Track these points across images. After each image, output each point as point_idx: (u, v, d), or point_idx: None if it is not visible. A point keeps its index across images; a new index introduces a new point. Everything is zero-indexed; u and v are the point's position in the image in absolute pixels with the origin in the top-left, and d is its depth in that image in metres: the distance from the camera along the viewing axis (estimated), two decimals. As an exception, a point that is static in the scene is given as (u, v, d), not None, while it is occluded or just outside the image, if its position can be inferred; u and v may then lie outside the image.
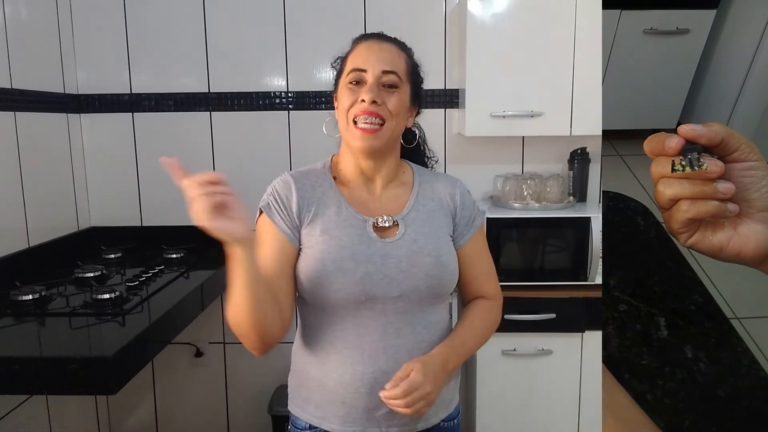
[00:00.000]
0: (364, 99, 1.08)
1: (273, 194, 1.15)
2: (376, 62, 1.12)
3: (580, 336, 2.04)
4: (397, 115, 1.12)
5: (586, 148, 2.30)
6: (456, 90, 2.31)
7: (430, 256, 1.12)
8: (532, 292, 2.03)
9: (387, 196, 1.19)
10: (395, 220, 1.15)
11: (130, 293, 1.66)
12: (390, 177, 1.20)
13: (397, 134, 1.16)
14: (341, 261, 1.08)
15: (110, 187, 2.38)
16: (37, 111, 2.04)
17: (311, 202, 1.13)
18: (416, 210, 1.18)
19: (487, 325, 1.24)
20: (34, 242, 1.99)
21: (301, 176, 1.17)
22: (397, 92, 1.13)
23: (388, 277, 1.09)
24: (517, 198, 2.23)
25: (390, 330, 1.10)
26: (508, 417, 2.08)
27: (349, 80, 1.12)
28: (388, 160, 1.18)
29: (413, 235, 1.14)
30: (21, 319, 1.52)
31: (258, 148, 2.35)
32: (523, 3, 2.04)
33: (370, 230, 1.13)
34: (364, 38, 1.18)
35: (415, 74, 1.21)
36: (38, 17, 2.08)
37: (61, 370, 1.24)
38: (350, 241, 1.10)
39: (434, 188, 1.23)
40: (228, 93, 2.34)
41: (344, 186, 1.18)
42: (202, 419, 2.47)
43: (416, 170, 1.25)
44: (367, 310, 1.10)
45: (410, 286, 1.10)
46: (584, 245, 2.03)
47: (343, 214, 1.13)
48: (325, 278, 1.08)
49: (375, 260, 1.09)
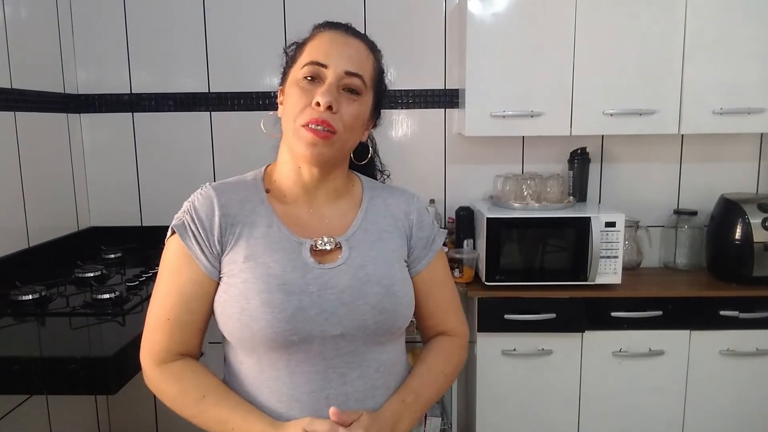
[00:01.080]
0: (320, 102, 0.90)
1: (190, 212, 0.95)
2: (339, 58, 0.94)
3: (580, 336, 2.04)
4: (351, 129, 0.95)
5: (586, 148, 2.30)
6: (456, 90, 2.31)
7: (380, 285, 0.93)
8: (532, 292, 2.03)
9: (331, 213, 1.00)
10: (337, 241, 0.96)
11: (130, 293, 1.67)
12: (335, 192, 1.01)
13: (348, 148, 0.99)
14: (268, 293, 0.89)
15: (110, 187, 2.38)
16: (37, 111, 2.04)
17: (236, 221, 0.94)
18: (364, 230, 0.99)
19: (447, 370, 1.03)
20: (34, 242, 1.99)
21: (227, 189, 0.99)
22: (358, 101, 0.95)
23: (327, 312, 0.90)
24: (517, 198, 2.23)
25: (333, 376, 0.91)
26: (508, 417, 2.08)
27: (303, 74, 0.94)
28: (334, 173, 1.00)
29: (359, 260, 0.95)
30: (21, 319, 1.52)
31: (258, 149, 2.34)
32: (523, 3, 2.04)
33: (306, 254, 0.93)
34: (328, 27, 1.01)
35: (380, 82, 1.02)
36: (38, 17, 2.09)
37: (61, 370, 1.24)
38: (280, 268, 0.91)
39: (387, 204, 1.04)
40: (228, 93, 2.34)
41: (278, 201, 0.99)
42: (202, 419, 2.47)
43: (366, 183, 1.07)
44: (302, 352, 0.90)
45: (354, 323, 0.91)
46: (584, 245, 2.03)
47: (274, 235, 0.94)
48: (248, 315, 0.89)
49: (310, 291, 0.90)
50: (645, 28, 2.03)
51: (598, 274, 2.05)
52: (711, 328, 2.03)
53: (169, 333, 0.94)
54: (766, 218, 2.08)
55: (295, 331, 0.89)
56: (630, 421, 2.08)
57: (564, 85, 2.06)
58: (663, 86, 2.06)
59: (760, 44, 2.02)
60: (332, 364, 0.92)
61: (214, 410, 0.90)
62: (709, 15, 2.01)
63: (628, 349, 2.04)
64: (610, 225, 2.03)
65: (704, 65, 2.04)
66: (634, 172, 2.38)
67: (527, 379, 2.06)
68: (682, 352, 2.04)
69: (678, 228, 2.32)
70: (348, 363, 0.93)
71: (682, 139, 2.36)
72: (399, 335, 1.01)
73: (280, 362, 0.91)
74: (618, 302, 2.03)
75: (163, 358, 0.94)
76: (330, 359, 0.92)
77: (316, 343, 0.90)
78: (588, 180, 2.33)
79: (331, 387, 0.92)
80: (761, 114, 2.05)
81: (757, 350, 2.03)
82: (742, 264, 2.09)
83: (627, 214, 2.09)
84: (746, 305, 2.01)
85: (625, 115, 2.07)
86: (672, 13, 2.02)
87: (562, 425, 2.09)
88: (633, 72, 2.05)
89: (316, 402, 0.91)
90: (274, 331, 0.88)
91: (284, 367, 0.91)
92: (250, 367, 0.94)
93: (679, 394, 2.06)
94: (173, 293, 0.93)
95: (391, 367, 0.98)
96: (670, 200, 2.40)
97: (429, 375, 1.01)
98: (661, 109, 2.06)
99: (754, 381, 2.05)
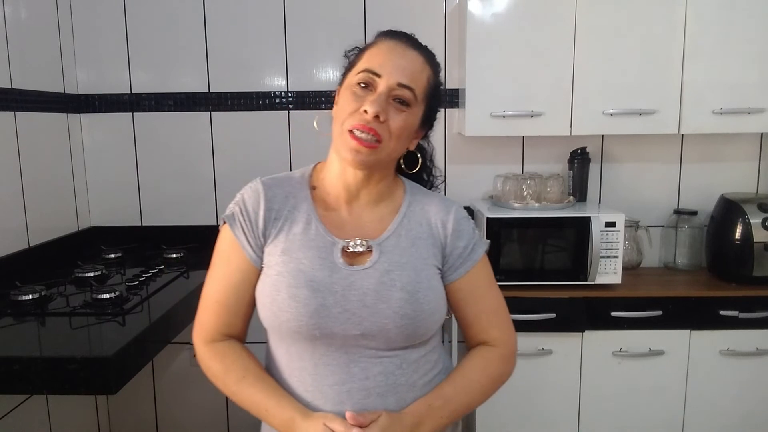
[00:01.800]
0: (368, 110, 0.93)
1: (240, 204, 1.02)
2: (393, 70, 0.95)
3: (580, 336, 2.04)
4: (398, 138, 0.97)
5: (586, 148, 2.30)
6: (456, 90, 2.31)
7: (404, 291, 0.95)
8: (532, 292, 2.03)
9: (371, 217, 1.03)
10: (369, 245, 0.98)
11: (130, 293, 1.67)
12: (378, 196, 1.04)
13: (394, 157, 1.01)
14: (295, 287, 0.94)
15: (110, 187, 2.38)
16: (37, 111, 2.04)
17: (279, 215, 1.00)
18: (397, 235, 1.01)
19: (483, 381, 1.02)
20: (34, 242, 1.99)
21: (275, 184, 1.03)
22: (407, 112, 0.97)
23: (348, 312, 0.93)
24: (517, 198, 2.23)
25: (355, 370, 0.95)
26: (508, 417, 2.08)
27: (357, 80, 0.97)
28: (378, 179, 1.03)
29: (386, 264, 0.97)
30: (21, 319, 1.52)
31: (258, 148, 2.35)
32: (523, 3, 2.04)
33: (337, 254, 0.97)
34: (389, 36, 1.01)
35: (434, 95, 1.03)
36: (38, 17, 2.08)
37: (61, 370, 1.24)
38: (310, 265, 0.95)
39: (425, 211, 1.05)
40: (228, 93, 2.34)
41: (322, 199, 1.03)
42: (202, 419, 2.47)
43: (409, 188, 1.08)
44: (324, 346, 0.95)
45: (376, 325, 0.94)
46: (584, 245, 2.03)
47: (311, 232, 0.99)
48: (277, 306, 0.94)
49: (335, 290, 0.94)
50: (645, 28, 2.03)
51: (598, 274, 2.05)
52: (711, 327, 2.03)
53: (217, 314, 1.02)
54: (766, 218, 2.08)
55: (318, 326, 0.93)
56: (630, 421, 2.08)
57: (564, 85, 2.06)
58: (663, 86, 2.06)
59: (760, 44, 2.02)
60: (354, 360, 0.95)
61: (251, 390, 0.97)
62: (709, 15, 2.01)
63: (628, 349, 2.04)
64: (610, 225, 2.03)
65: (704, 65, 2.04)
66: (634, 172, 2.38)
67: (527, 379, 2.05)
68: (682, 352, 2.04)
69: (678, 228, 2.32)
70: (370, 359, 0.96)
71: (682, 139, 2.36)
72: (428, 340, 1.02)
73: (305, 353, 0.96)
74: (618, 302, 2.03)
75: (212, 338, 1.02)
76: (352, 355, 0.95)
77: (338, 339, 0.94)
78: (588, 180, 2.33)
79: (353, 381, 0.95)
80: (761, 114, 2.05)
81: (757, 350, 2.03)
82: (742, 264, 2.09)
83: (627, 214, 2.09)
84: (746, 305, 2.01)
85: (625, 115, 2.06)
86: (672, 13, 2.02)
87: (562, 425, 2.09)
88: (633, 72, 2.05)
89: (338, 395, 0.94)
90: (298, 324, 0.93)
91: (309, 358, 0.96)
92: (281, 355, 1.00)
93: (679, 394, 2.06)
94: (222, 278, 1.01)
95: (415, 364, 0.99)
96: (670, 200, 2.40)
97: (462, 383, 1.01)
98: (661, 109, 2.06)
99: (754, 381, 2.05)
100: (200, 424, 2.47)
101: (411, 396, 0.98)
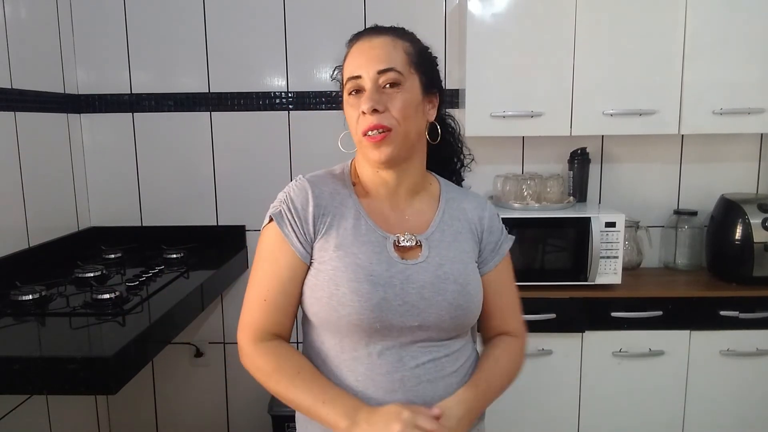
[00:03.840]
0: (364, 110, 0.98)
1: (287, 202, 1.04)
2: (368, 63, 1.00)
3: (580, 336, 2.04)
4: (406, 117, 1.00)
5: (586, 148, 2.30)
6: (456, 90, 2.31)
7: (456, 283, 1.01)
8: (532, 292, 2.03)
9: (411, 210, 1.08)
10: (418, 239, 1.03)
11: (130, 293, 1.66)
12: (415, 188, 1.09)
13: (414, 137, 1.04)
14: (357, 282, 0.97)
15: (110, 187, 2.38)
16: (37, 111, 2.04)
17: (327, 211, 1.03)
18: (441, 230, 1.07)
19: (510, 367, 1.10)
20: (34, 242, 1.99)
21: (319, 181, 1.06)
22: (401, 90, 1.00)
23: (408, 304, 0.98)
24: (517, 198, 2.23)
25: (407, 359, 0.99)
26: (508, 417, 2.08)
27: (348, 91, 1.02)
28: (411, 169, 1.07)
29: (438, 258, 1.03)
30: (21, 319, 1.52)
31: (258, 148, 2.35)
32: (523, 3, 2.04)
33: (390, 249, 1.01)
34: (355, 39, 1.06)
35: (423, 60, 1.06)
36: (38, 17, 2.08)
37: (61, 370, 1.24)
38: (367, 259, 0.99)
39: (462, 208, 1.11)
40: (228, 93, 2.34)
41: (363, 195, 1.07)
42: (202, 419, 2.47)
43: (443, 185, 1.15)
44: (380, 337, 0.98)
45: (432, 316, 0.99)
46: (584, 245, 2.04)
47: (362, 227, 1.03)
48: (337, 300, 0.97)
49: (394, 284, 0.98)
50: (645, 28, 2.03)
51: (598, 274, 2.05)
52: (711, 328, 2.03)
53: (266, 313, 1.02)
54: (766, 218, 2.08)
55: (379, 319, 0.97)
56: (630, 421, 2.08)
57: (564, 85, 2.06)
58: (663, 86, 2.06)
59: (760, 44, 2.02)
60: (407, 349, 0.99)
61: (308, 385, 0.98)
62: (709, 15, 2.01)
63: (628, 349, 2.04)
64: (610, 225, 2.03)
65: (704, 65, 2.04)
66: (634, 172, 2.38)
67: (527, 379, 2.04)
68: (682, 352, 2.04)
69: (678, 228, 2.32)
70: (420, 348, 1.00)
71: (682, 139, 2.36)
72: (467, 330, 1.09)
73: (359, 344, 0.99)
74: (618, 302, 2.03)
75: (261, 337, 1.03)
76: (405, 344, 0.99)
77: (395, 330, 0.98)
78: (588, 180, 2.33)
79: (405, 369, 0.99)
80: (761, 114, 2.05)
81: (757, 350, 2.03)
82: (742, 264, 2.09)
83: (627, 214, 2.09)
84: (746, 305, 2.01)
85: (625, 115, 2.07)
86: (672, 13, 2.02)
87: (562, 425, 2.09)
88: (633, 72, 2.05)
89: (390, 383, 0.98)
90: (360, 317, 0.96)
91: (363, 348, 0.99)
92: (331, 347, 1.01)
93: (679, 394, 2.06)
94: (270, 276, 1.02)
95: (458, 353, 1.05)
96: (670, 200, 2.40)
97: (496, 368, 1.07)
98: (661, 109, 2.06)
99: (754, 381, 2.05)
100: (200, 424, 2.47)
101: (455, 381, 1.02)
